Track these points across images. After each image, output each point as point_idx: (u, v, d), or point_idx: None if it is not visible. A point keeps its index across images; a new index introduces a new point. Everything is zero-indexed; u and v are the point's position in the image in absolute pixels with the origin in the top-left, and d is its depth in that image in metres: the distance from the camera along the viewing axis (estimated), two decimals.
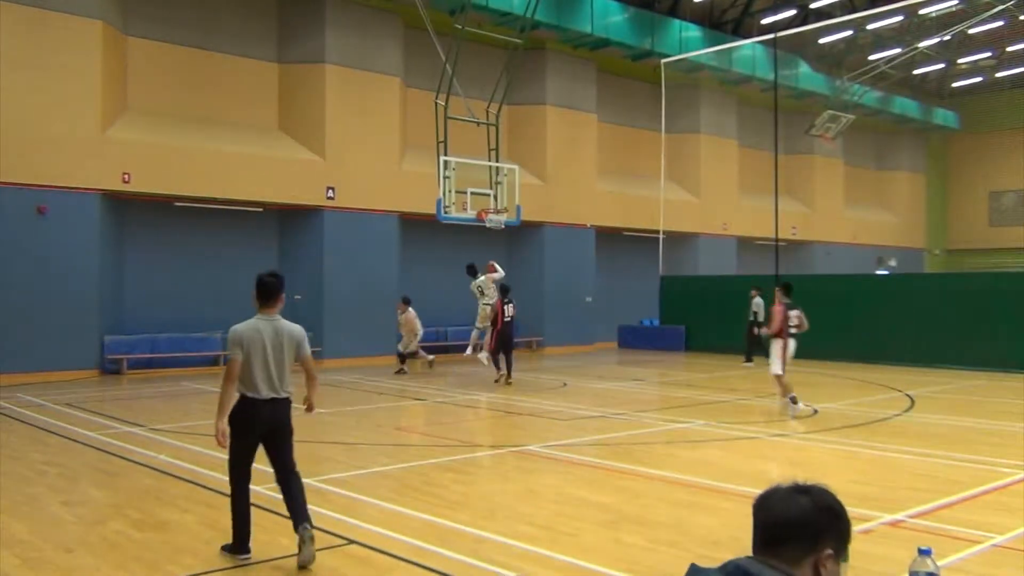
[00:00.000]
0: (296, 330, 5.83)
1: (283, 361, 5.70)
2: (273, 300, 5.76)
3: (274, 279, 5.78)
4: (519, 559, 5.51)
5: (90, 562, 5.50)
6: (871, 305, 20.68)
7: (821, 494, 1.94)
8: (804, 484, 1.97)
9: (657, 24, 26.66)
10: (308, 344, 5.89)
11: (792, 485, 1.97)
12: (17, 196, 16.43)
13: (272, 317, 5.74)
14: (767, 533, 1.92)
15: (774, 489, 1.97)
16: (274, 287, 5.75)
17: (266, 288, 5.71)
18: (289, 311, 21.29)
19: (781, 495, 1.95)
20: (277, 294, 5.77)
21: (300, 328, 5.89)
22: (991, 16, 26.22)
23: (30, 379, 16.12)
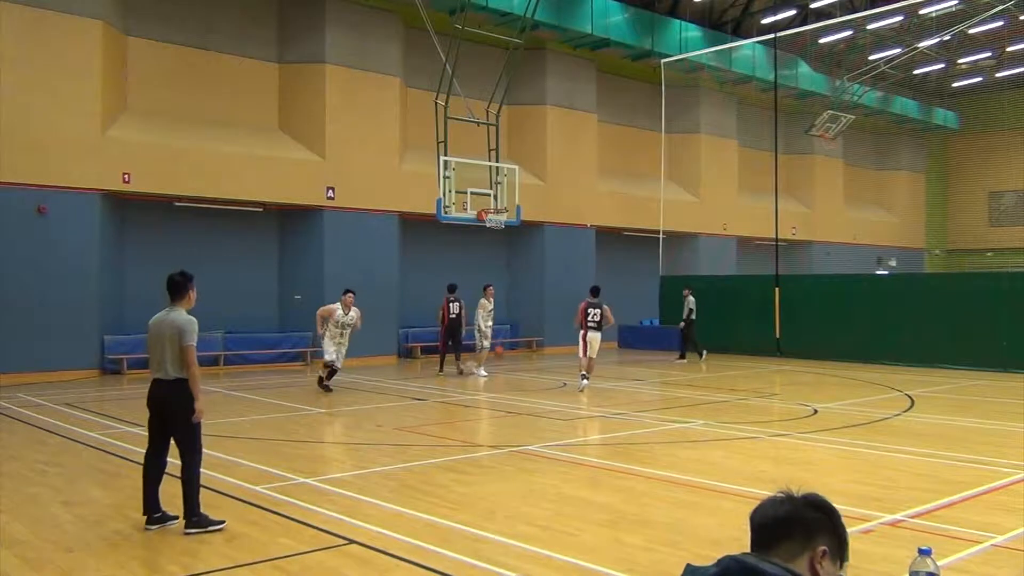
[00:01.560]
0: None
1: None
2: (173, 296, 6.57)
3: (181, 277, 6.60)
4: (519, 559, 5.51)
5: (90, 562, 5.50)
6: (871, 305, 20.67)
7: (811, 495, 1.99)
8: (792, 493, 2.02)
9: (657, 24, 26.66)
10: (187, 333, 6.33)
11: (783, 492, 2.02)
12: (17, 196, 16.43)
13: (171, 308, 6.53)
14: (760, 535, 1.96)
15: (767, 498, 2.03)
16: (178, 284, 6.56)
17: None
18: (289, 311, 21.07)
19: (772, 500, 2.00)
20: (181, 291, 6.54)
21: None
22: (991, 16, 26.21)
23: (30, 379, 16.12)
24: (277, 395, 14.68)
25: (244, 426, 11.24)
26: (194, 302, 6.59)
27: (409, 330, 22.63)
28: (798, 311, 21.80)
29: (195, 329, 6.32)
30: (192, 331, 6.29)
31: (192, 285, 6.57)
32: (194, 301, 6.59)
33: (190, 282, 6.56)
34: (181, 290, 6.49)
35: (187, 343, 6.25)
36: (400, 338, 22.23)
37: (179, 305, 6.47)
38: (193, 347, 6.29)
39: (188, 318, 6.36)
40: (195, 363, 6.28)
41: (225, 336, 19.45)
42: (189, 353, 6.27)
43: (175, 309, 6.44)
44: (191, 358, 6.27)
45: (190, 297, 6.55)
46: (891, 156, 39.80)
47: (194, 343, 6.29)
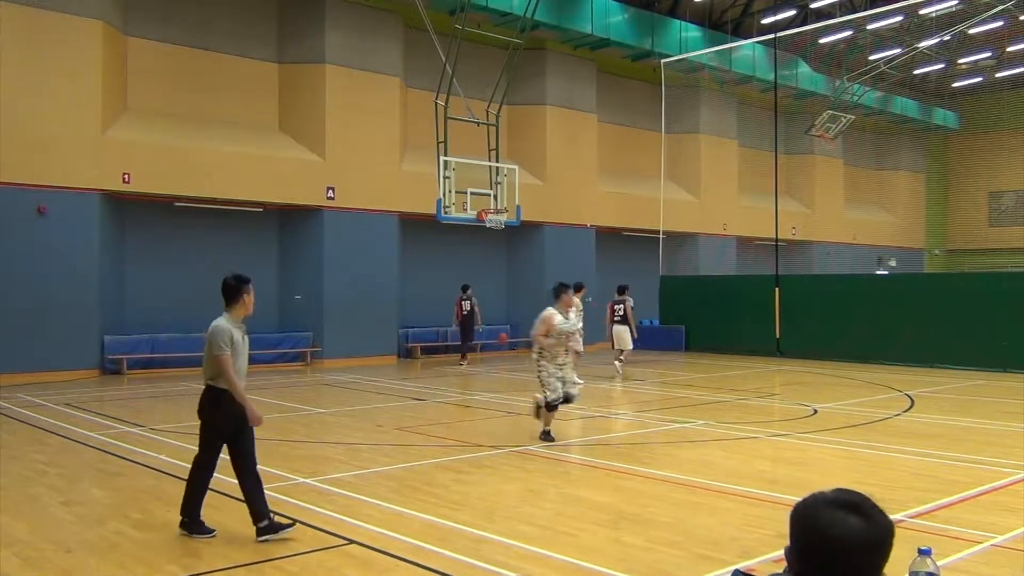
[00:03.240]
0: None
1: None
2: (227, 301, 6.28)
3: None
4: (519, 559, 5.50)
5: (90, 562, 5.50)
6: (871, 305, 20.67)
7: (878, 516, 1.81)
8: (852, 499, 1.82)
9: (657, 24, 26.66)
10: (211, 342, 6.06)
11: (840, 499, 1.82)
12: (17, 196, 16.43)
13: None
14: (820, 564, 1.78)
15: (821, 506, 1.81)
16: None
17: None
18: (289, 311, 21.01)
19: (835, 519, 1.78)
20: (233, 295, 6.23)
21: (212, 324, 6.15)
22: (991, 16, 26.20)
23: (30, 379, 16.11)
24: (277, 395, 14.68)
25: None
26: (251, 308, 6.23)
27: (409, 330, 22.63)
28: (798, 311, 21.79)
29: (223, 338, 5.96)
30: (217, 340, 5.96)
31: (248, 289, 6.19)
32: (251, 307, 6.23)
33: (244, 286, 6.18)
34: (234, 295, 6.16)
35: (215, 353, 5.96)
36: (400, 338, 22.23)
37: (233, 311, 6.14)
38: (223, 357, 5.94)
39: (215, 324, 6.04)
40: (227, 372, 5.94)
41: None
42: (218, 364, 5.96)
43: (224, 315, 6.13)
44: (221, 368, 5.95)
45: (245, 302, 6.18)
46: (891, 156, 39.79)
47: (224, 353, 5.94)
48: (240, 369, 6.08)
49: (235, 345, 6.01)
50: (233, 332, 6.03)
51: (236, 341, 6.03)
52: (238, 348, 6.06)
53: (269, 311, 21.00)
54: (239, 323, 6.15)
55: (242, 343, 6.12)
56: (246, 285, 6.19)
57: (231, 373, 5.93)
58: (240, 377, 6.07)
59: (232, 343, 5.98)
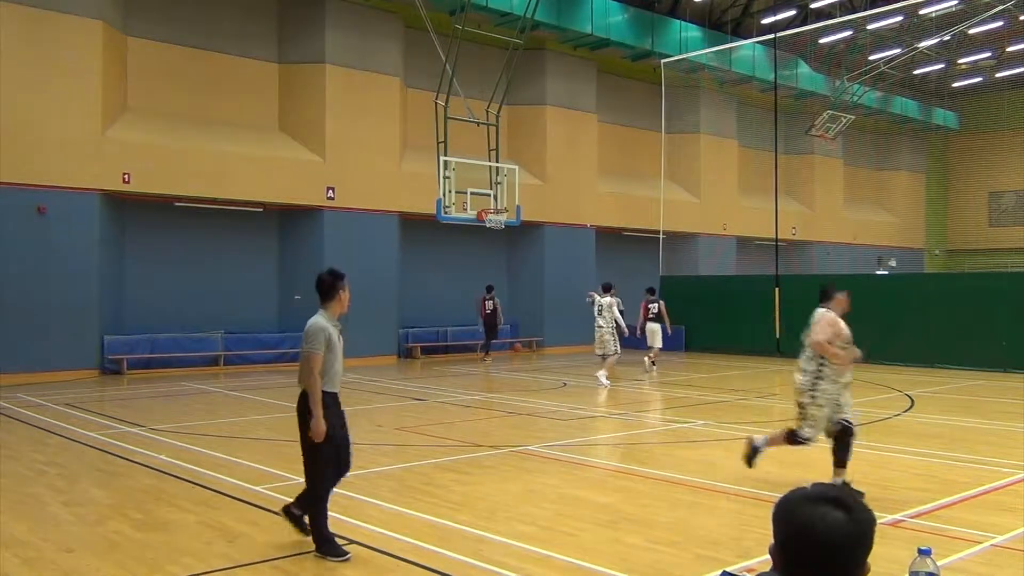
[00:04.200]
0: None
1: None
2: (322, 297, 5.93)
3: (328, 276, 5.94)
4: (519, 559, 5.51)
5: (90, 562, 5.50)
6: (871, 305, 20.63)
7: (859, 510, 1.79)
8: (833, 493, 1.81)
9: (657, 24, 26.66)
10: (305, 340, 5.73)
11: (821, 494, 1.81)
12: (17, 196, 16.43)
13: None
14: (804, 560, 1.77)
15: (802, 502, 1.80)
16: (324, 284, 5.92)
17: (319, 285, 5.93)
18: (289, 310, 20.93)
19: (816, 513, 1.76)
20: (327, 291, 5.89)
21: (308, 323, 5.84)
22: (991, 16, 26.21)
23: (30, 379, 16.11)
24: (277, 395, 14.67)
25: (244, 426, 11.24)
26: (347, 305, 5.92)
27: (409, 330, 22.63)
28: (798, 311, 21.60)
29: (319, 337, 5.61)
30: (312, 337, 5.61)
31: (343, 284, 5.88)
32: (347, 304, 5.92)
33: (340, 281, 5.86)
34: (329, 291, 5.83)
35: (306, 350, 5.60)
36: (400, 338, 22.23)
37: (328, 308, 5.81)
38: (314, 355, 5.56)
39: (312, 322, 5.69)
40: (313, 373, 5.55)
41: (225, 336, 19.46)
42: (307, 361, 5.59)
43: (320, 312, 5.80)
44: (308, 366, 5.57)
45: (341, 299, 5.85)
46: (891, 156, 39.79)
47: (316, 351, 5.57)
48: (337, 372, 5.75)
49: (331, 345, 5.68)
50: (331, 331, 5.69)
51: (332, 341, 5.70)
52: (334, 348, 5.71)
53: (269, 311, 21.01)
54: (336, 321, 5.82)
55: (339, 343, 5.78)
56: (341, 281, 5.89)
57: (315, 375, 5.56)
58: (336, 380, 5.75)
59: (328, 343, 5.65)
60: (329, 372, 5.66)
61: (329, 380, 5.67)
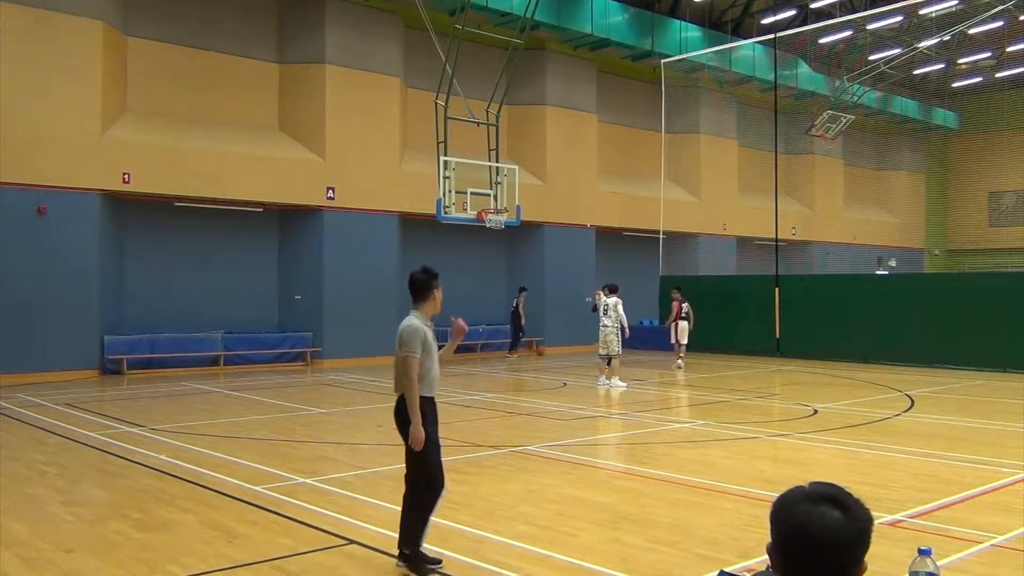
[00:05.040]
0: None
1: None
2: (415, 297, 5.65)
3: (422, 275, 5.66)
4: (519, 559, 5.50)
5: (90, 562, 5.50)
6: (871, 305, 20.67)
7: (857, 509, 1.78)
8: (830, 492, 1.80)
9: (657, 24, 26.66)
10: (401, 343, 5.38)
11: (818, 493, 1.80)
12: (17, 196, 16.43)
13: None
14: (801, 559, 1.77)
15: (800, 501, 1.80)
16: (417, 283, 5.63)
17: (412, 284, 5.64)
18: (289, 311, 20.89)
19: (814, 513, 1.76)
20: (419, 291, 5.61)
21: (402, 324, 5.50)
22: (991, 16, 26.21)
23: (30, 379, 16.11)
24: (277, 395, 14.68)
25: (244, 426, 11.24)
26: (440, 305, 5.62)
27: None
28: (798, 311, 21.79)
29: (415, 336, 5.32)
30: (408, 339, 5.32)
31: (438, 283, 5.61)
32: (440, 304, 5.62)
33: (435, 280, 5.60)
34: (423, 290, 5.55)
35: (403, 353, 5.31)
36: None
37: (421, 308, 5.52)
38: (411, 359, 5.27)
39: (407, 324, 5.40)
40: (412, 376, 5.27)
41: (225, 336, 19.47)
42: (405, 365, 5.30)
43: (412, 312, 5.51)
44: (406, 371, 5.29)
45: (435, 299, 5.57)
46: (891, 156, 39.79)
47: (414, 353, 5.28)
48: (434, 375, 5.48)
49: (427, 347, 5.40)
50: (426, 332, 5.41)
51: (428, 343, 5.42)
52: (430, 351, 5.43)
53: (269, 311, 21.03)
54: (429, 322, 5.53)
55: (434, 345, 5.49)
56: (436, 279, 5.61)
57: (414, 380, 5.28)
58: (434, 385, 5.47)
59: (425, 345, 5.37)
60: (426, 376, 5.39)
61: (426, 384, 5.39)
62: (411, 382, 5.28)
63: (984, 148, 38.51)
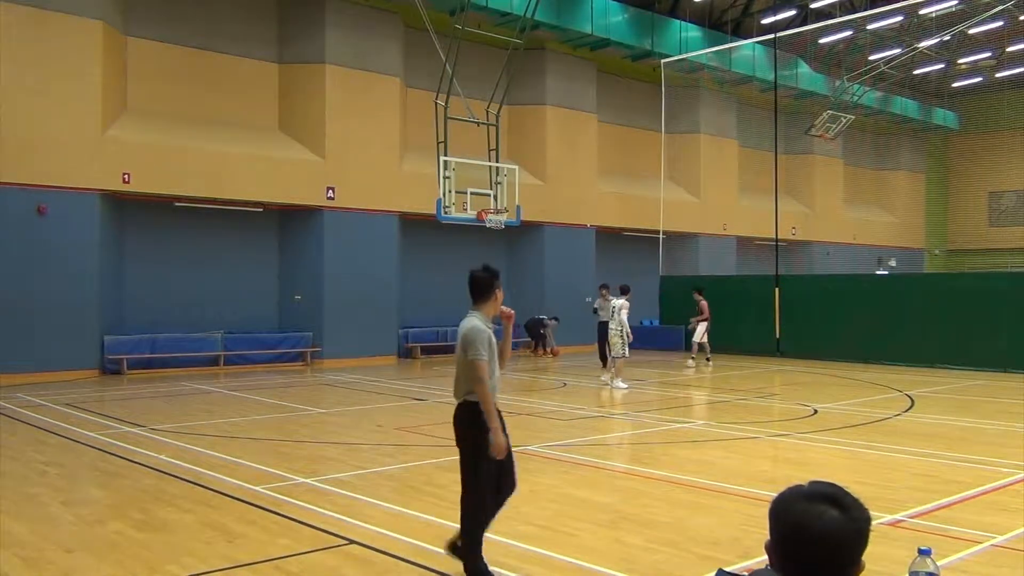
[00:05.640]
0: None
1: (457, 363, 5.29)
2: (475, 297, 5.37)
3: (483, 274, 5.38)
4: (519, 559, 5.50)
5: (90, 562, 5.50)
6: (871, 305, 20.66)
7: (855, 508, 1.78)
8: (829, 491, 1.80)
9: (657, 24, 26.66)
10: (467, 345, 5.13)
11: (816, 492, 1.80)
12: (17, 196, 16.43)
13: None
14: (799, 558, 1.77)
15: (798, 500, 1.80)
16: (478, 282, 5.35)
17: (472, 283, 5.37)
18: (289, 311, 20.87)
19: (812, 511, 1.76)
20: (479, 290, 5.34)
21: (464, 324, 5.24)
22: (991, 16, 26.21)
23: (30, 379, 16.11)
24: (277, 395, 14.68)
25: (244, 426, 11.24)
26: (499, 306, 5.33)
27: (409, 330, 22.63)
28: (798, 311, 21.79)
29: (481, 340, 5.05)
30: (474, 342, 5.05)
31: (499, 283, 5.33)
32: (499, 304, 5.33)
33: (496, 279, 5.31)
34: (485, 289, 5.26)
35: (471, 356, 5.04)
36: (400, 338, 22.23)
37: (481, 308, 5.25)
38: (479, 362, 5.00)
39: (471, 325, 5.13)
40: (483, 381, 5.00)
41: (225, 336, 19.47)
42: (474, 369, 5.02)
43: (472, 313, 5.26)
44: (477, 374, 5.01)
45: (496, 298, 5.28)
46: (891, 156, 39.80)
47: (482, 357, 5.01)
48: (496, 378, 5.22)
49: (491, 349, 5.15)
50: (490, 335, 5.15)
51: (492, 345, 5.17)
52: (494, 352, 5.20)
53: (269, 311, 21.03)
54: (490, 323, 5.26)
55: (496, 347, 5.26)
56: (498, 279, 5.34)
57: (486, 384, 5.01)
58: (495, 387, 5.20)
59: (490, 346, 5.12)
60: (490, 380, 5.12)
61: (490, 389, 5.12)
62: (483, 386, 5.00)
63: (984, 148, 38.52)
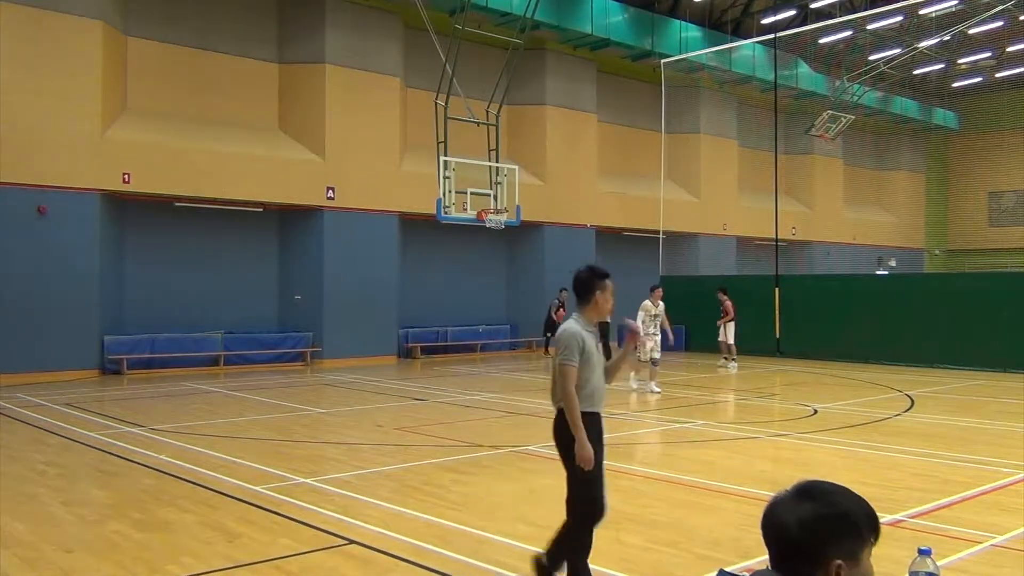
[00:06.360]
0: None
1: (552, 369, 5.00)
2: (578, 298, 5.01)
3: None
4: (519, 559, 5.50)
5: (90, 562, 5.50)
6: (871, 305, 20.66)
7: (826, 496, 1.82)
8: (810, 485, 1.85)
9: (657, 24, 26.66)
10: (558, 350, 4.85)
11: (796, 488, 1.86)
12: (17, 196, 16.43)
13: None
14: (775, 549, 1.83)
15: (779, 498, 1.86)
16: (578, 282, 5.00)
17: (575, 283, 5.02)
18: (289, 311, 20.88)
19: (784, 505, 1.83)
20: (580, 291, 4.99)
21: (560, 329, 4.95)
22: (991, 16, 26.21)
23: (30, 379, 16.11)
24: (277, 395, 14.68)
25: (244, 426, 11.24)
26: (607, 310, 4.96)
27: (409, 330, 22.63)
28: (798, 311, 21.79)
29: (570, 344, 4.75)
30: (563, 346, 4.77)
31: (601, 284, 4.89)
32: (607, 309, 4.96)
33: (597, 280, 4.89)
34: (583, 292, 4.92)
35: (560, 360, 4.76)
36: (400, 338, 22.23)
37: (583, 311, 4.90)
38: (568, 367, 4.72)
39: (563, 328, 4.86)
40: (568, 386, 4.71)
41: (225, 336, 19.47)
42: (562, 375, 4.75)
43: (574, 316, 4.93)
44: (564, 381, 4.74)
45: (596, 303, 4.89)
46: (891, 156, 39.80)
47: (570, 362, 4.72)
48: (595, 388, 4.87)
49: (587, 354, 4.80)
50: (585, 338, 4.82)
51: (588, 349, 4.82)
52: (590, 358, 4.83)
53: (269, 311, 21.03)
54: (592, 327, 4.93)
55: (597, 353, 4.91)
56: (599, 280, 4.91)
57: (571, 390, 4.72)
58: (595, 398, 4.89)
59: (583, 351, 4.78)
60: (584, 388, 4.79)
61: (584, 397, 4.79)
62: (568, 394, 4.71)
63: (984, 148, 38.52)
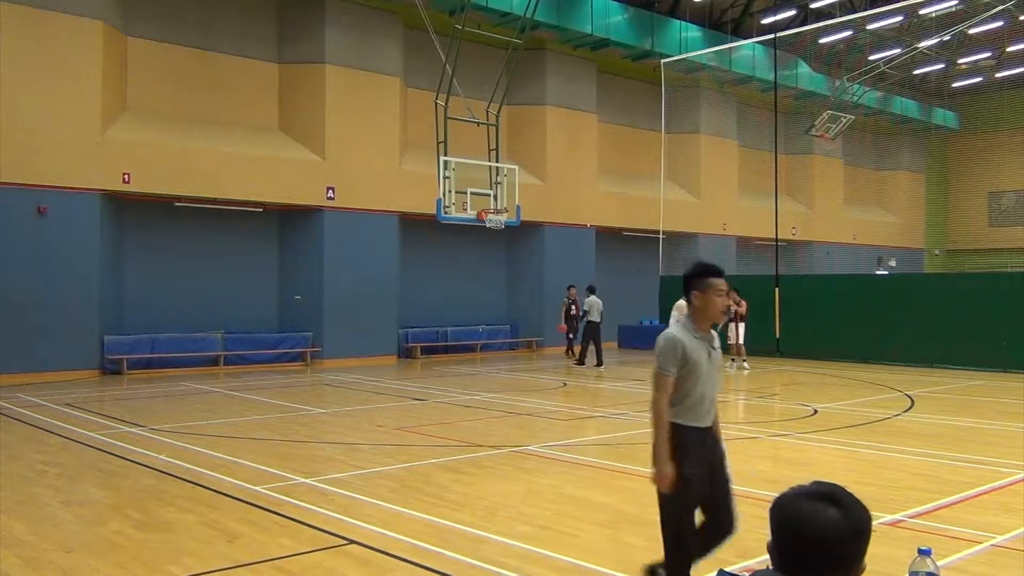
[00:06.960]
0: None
1: None
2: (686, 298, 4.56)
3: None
4: (519, 559, 5.50)
5: (90, 562, 5.50)
6: (871, 305, 20.67)
7: (852, 511, 1.77)
8: (828, 490, 1.80)
9: (657, 24, 26.66)
10: (656, 356, 4.45)
11: (816, 491, 1.81)
12: (17, 196, 16.43)
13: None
14: (797, 555, 1.77)
15: (798, 498, 1.80)
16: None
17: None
18: (289, 311, 20.89)
19: (810, 509, 1.76)
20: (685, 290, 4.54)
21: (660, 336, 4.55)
22: (991, 16, 26.21)
23: (30, 379, 16.11)
24: (277, 395, 14.68)
25: (244, 426, 11.24)
26: (715, 313, 4.46)
27: (409, 330, 22.64)
28: (798, 311, 21.79)
29: (667, 349, 4.34)
30: (660, 351, 4.37)
31: (702, 284, 4.41)
32: (715, 311, 4.45)
33: (697, 279, 4.44)
34: (684, 292, 4.52)
35: (656, 367, 4.37)
36: (400, 338, 22.24)
37: (691, 314, 4.50)
38: (661, 376, 4.32)
39: (664, 332, 4.47)
40: (658, 398, 4.33)
41: (225, 336, 19.47)
42: (653, 383, 4.38)
43: (684, 320, 4.55)
44: (654, 390, 4.37)
45: (694, 306, 4.45)
46: (891, 156, 39.79)
47: (664, 371, 4.31)
48: (699, 399, 4.39)
49: (689, 363, 4.33)
50: (686, 345, 4.34)
51: (690, 357, 4.33)
52: (695, 369, 4.35)
53: (269, 311, 21.03)
54: (701, 333, 4.43)
55: (706, 361, 4.40)
56: (695, 279, 4.45)
57: (661, 400, 4.33)
58: (700, 412, 4.40)
59: (684, 359, 4.32)
60: (685, 399, 4.35)
61: (687, 410, 4.35)
62: (655, 403, 4.34)
63: (984, 148, 38.51)
